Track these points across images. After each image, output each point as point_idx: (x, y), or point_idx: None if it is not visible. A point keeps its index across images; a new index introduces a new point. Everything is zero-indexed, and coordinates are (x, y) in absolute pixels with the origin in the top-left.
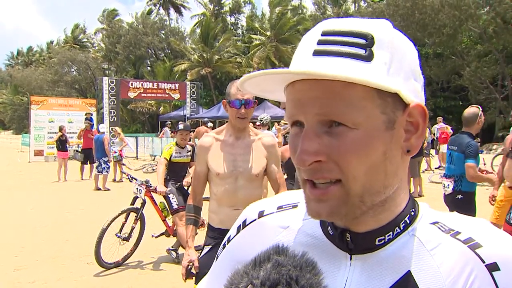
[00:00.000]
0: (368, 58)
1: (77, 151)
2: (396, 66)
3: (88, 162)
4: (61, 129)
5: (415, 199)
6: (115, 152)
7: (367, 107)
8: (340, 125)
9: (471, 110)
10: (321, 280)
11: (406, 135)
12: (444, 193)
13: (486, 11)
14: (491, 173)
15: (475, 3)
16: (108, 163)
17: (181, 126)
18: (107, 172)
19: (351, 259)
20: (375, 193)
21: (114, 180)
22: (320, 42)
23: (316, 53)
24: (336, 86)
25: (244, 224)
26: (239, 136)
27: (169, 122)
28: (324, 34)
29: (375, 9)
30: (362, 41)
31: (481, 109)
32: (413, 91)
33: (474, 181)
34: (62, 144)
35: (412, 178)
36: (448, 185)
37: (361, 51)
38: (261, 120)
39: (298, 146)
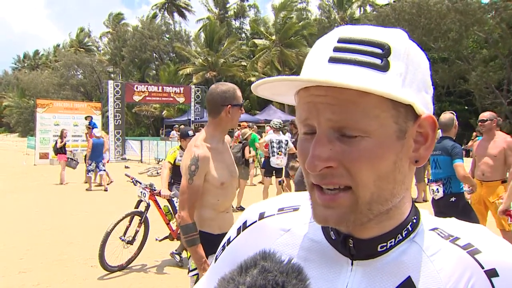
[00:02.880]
0: (384, 68)
1: (71, 158)
2: (410, 78)
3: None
4: (62, 133)
5: (417, 204)
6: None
7: (380, 116)
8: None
9: (447, 115)
10: (307, 285)
11: (415, 145)
12: (434, 198)
13: (492, 16)
14: None
15: (481, 8)
16: (103, 166)
17: (190, 132)
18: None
19: (352, 264)
20: (383, 202)
21: (100, 185)
22: (336, 49)
23: (332, 60)
24: (351, 94)
25: (245, 226)
26: (223, 141)
27: (177, 126)
28: (340, 41)
29: (380, 13)
30: (379, 51)
31: (455, 114)
32: (424, 103)
33: (464, 181)
34: (62, 147)
35: (417, 183)
36: (437, 189)
37: (378, 61)
38: (275, 125)
39: (308, 150)
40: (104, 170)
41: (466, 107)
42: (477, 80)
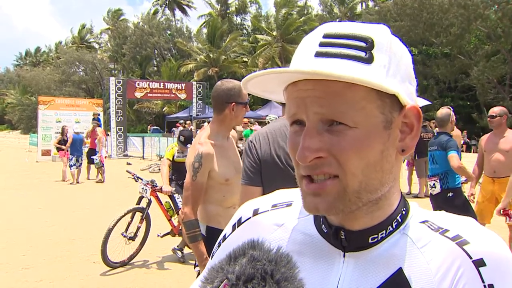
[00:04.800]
0: (369, 60)
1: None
2: (394, 69)
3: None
4: (63, 130)
5: (420, 199)
6: (95, 158)
7: (367, 107)
8: (340, 123)
9: (444, 110)
10: (296, 273)
11: (401, 135)
12: (431, 193)
13: (494, 11)
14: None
15: (483, 2)
16: (82, 160)
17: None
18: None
19: (344, 256)
20: (371, 190)
21: (102, 181)
22: (321, 44)
23: (318, 54)
24: (337, 86)
25: (239, 222)
26: (228, 137)
27: (183, 121)
28: (325, 36)
29: (382, 8)
30: (363, 44)
31: (452, 109)
32: (408, 94)
33: (459, 172)
34: (64, 144)
35: (418, 178)
36: (434, 184)
37: (362, 54)
38: (271, 120)
39: (298, 143)
40: (80, 166)
41: (468, 103)
42: (479, 75)
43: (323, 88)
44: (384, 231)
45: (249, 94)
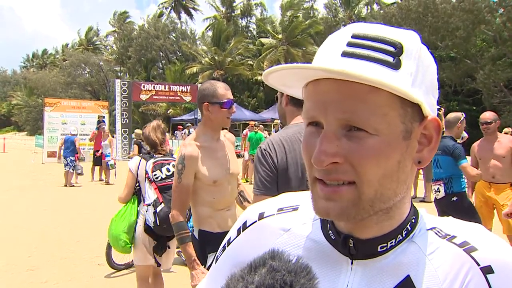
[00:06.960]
0: (396, 66)
1: (74, 166)
2: (420, 79)
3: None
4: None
5: (426, 203)
6: (109, 160)
7: (389, 114)
8: (360, 130)
9: (454, 114)
10: (315, 284)
11: (419, 146)
12: (436, 198)
13: (500, 14)
14: None
15: (487, 7)
16: (75, 161)
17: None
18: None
19: (352, 264)
20: (385, 200)
21: (107, 183)
22: (350, 44)
23: (345, 54)
24: (361, 89)
25: (245, 226)
26: (217, 138)
27: (190, 124)
28: (354, 36)
29: (387, 12)
30: (391, 49)
31: (464, 116)
32: (430, 105)
33: (474, 180)
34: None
35: (425, 182)
36: (438, 188)
37: (390, 58)
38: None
39: (314, 145)
40: (76, 167)
41: (474, 107)
42: (485, 78)
43: (345, 90)
44: (393, 240)
45: (250, 97)
